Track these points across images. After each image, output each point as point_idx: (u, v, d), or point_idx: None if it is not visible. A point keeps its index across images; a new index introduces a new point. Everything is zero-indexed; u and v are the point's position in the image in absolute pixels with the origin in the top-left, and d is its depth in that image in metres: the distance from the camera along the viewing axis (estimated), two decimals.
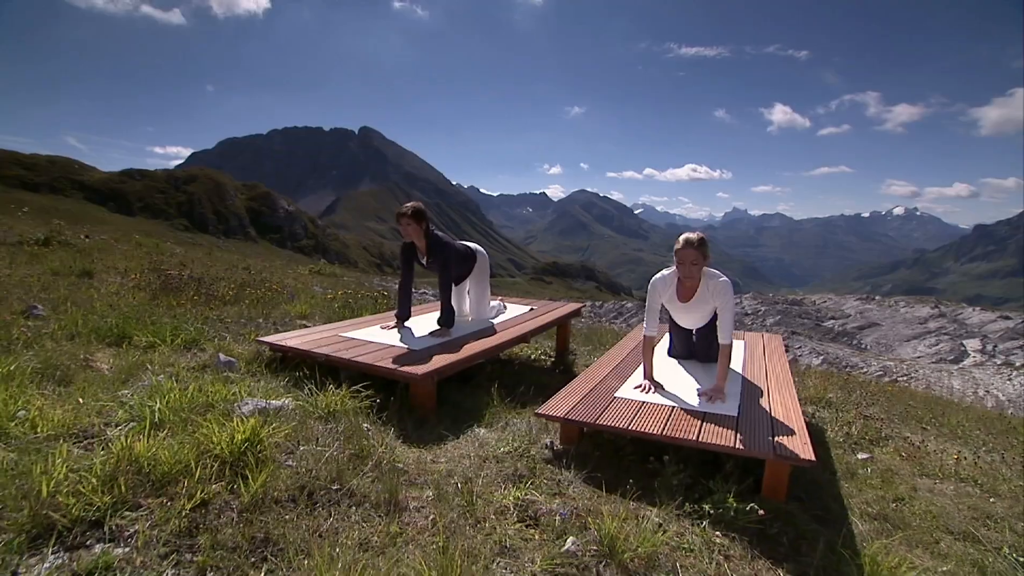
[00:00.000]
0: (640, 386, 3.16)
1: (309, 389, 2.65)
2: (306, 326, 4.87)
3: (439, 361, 3.02)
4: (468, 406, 3.20)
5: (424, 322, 4.08)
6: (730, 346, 3.16)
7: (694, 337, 3.86)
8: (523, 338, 4.07)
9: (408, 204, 3.75)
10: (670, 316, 3.72)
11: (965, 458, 3.81)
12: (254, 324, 4.55)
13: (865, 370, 15.06)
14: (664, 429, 2.57)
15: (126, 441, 1.63)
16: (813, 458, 2.34)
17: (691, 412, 2.82)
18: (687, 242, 3.11)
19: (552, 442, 2.87)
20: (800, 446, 2.47)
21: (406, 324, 3.96)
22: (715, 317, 3.68)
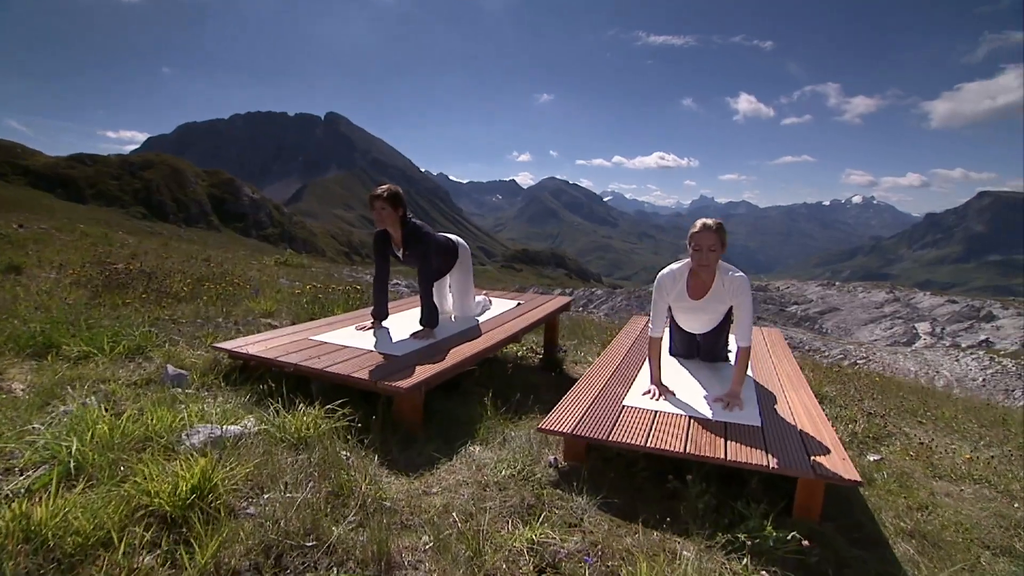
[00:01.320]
0: (648, 392, 2.87)
1: (275, 408, 2.24)
2: (272, 326, 4.40)
3: (425, 370, 2.64)
4: (458, 418, 2.84)
5: (404, 322, 3.69)
6: (749, 349, 2.89)
7: (698, 337, 3.58)
8: (514, 338, 3.72)
9: (383, 186, 3.30)
10: (672, 318, 3.40)
11: (978, 457, 3.67)
12: (212, 325, 4.06)
13: (827, 354, 15.35)
14: (687, 445, 2.27)
15: (20, 506, 1.21)
16: (858, 477, 2.08)
17: (711, 423, 2.54)
18: (704, 226, 2.78)
19: (556, 459, 2.55)
20: (839, 462, 2.21)
21: (383, 324, 3.56)
22: (724, 321, 3.40)
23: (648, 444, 2.28)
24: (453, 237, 3.91)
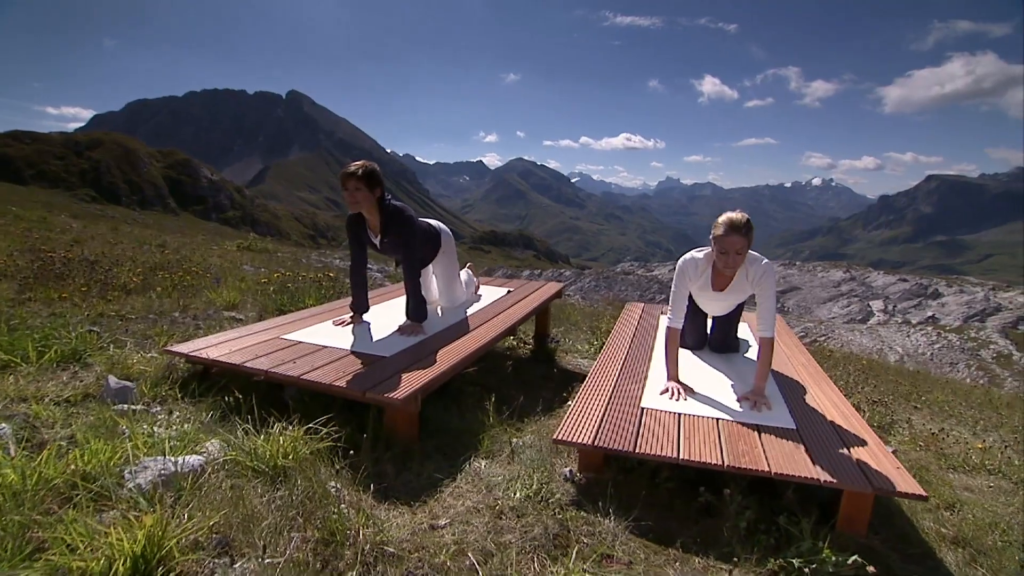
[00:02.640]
0: (667, 391, 2.60)
1: (243, 426, 1.86)
2: (236, 320, 3.95)
3: (420, 375, 2.29)
4: (455, 426, 2.51)
5: (387, 315, 3.31)
6: (772, 340, 2.64)
7: (710, 323, 3.34)
8: (510, 330, 3.40)
9: (356, 163, 2.84)
10: (690, 302, 3.15)
11: (989, 448, 3.57)
12: (167, 320, 3.59)
13: None
14: (724, 456, 2.00)
15: None
16: (921, 490, 1.86)
17: (743, 427, 2.29)
18: (732, 227, 2.48)
19: (572, 472, 2.26)
20: (893, 471, 1.99)
21: (364, 318, 3.17)
22: (741, 305, 3.18)
23: (681, 456, 2.01)
24: (434, 223, 3.53)
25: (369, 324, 3.09)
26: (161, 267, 5.41)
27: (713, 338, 3.32)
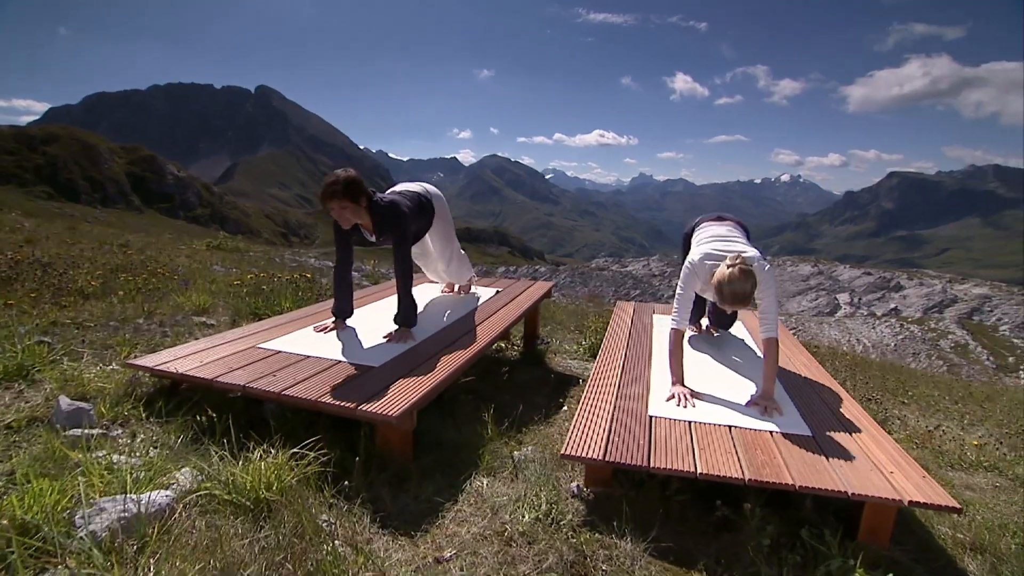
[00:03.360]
0: (673, 396, 2.47)
1: (219, 453, 1.65)
2: (207, 326, 3.68)
3: (415, 387, 2.10)
4: (451, 440, 2.33)
5: (372, 319, 3.10)
6: (776, 341, 2.54)
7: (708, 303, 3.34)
8: (504, 334, 3.23)
9: (332, 176, 2.57)
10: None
11: (983, 445, 3.56)
12: (129, 328, 3.30)
13: None
14: (746, 469, 1.88)
15: None
16: (955, 502, 1.76)
17: (758, 435, 2.17)
18: (736, 299, 2.39)
19: (579, 487, 2.11)
20: (920, 480, 1.89)
21: (348, 323, 2.96)
22: None
23: (699, 470, 1.87)
24: (422, 190, 3.30)
25: (354, 330, 2.88)
26: (124, 268, 5.06)
27: (712, 310, 3.33)
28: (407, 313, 2.84)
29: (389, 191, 3.13)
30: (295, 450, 1.65)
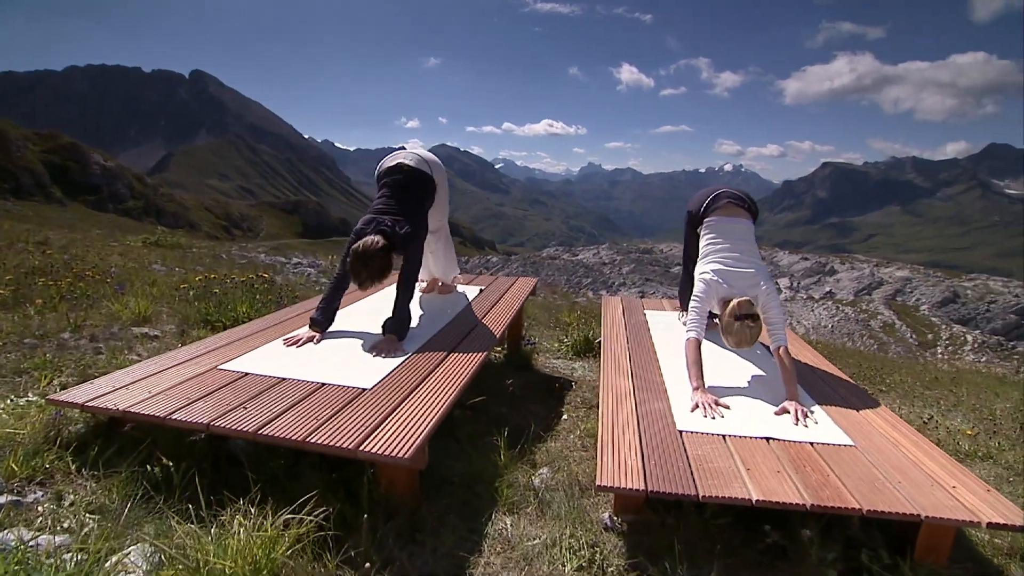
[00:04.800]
0: (697, 405, 2.26)
1: (181, 525, 1.26)
2: (150, 338, 3.18)
3: (421, 416, 1.75)
4: (462, 472, 2.01)
5: (351, 327, 2.71)
6: (788, 350, 2.43)
7: None
8: (501, 339, 2.92)
9: (364, 259, 2.38)
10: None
11: (979, 434, 3.56)
12: (51, 345, 2.78)
13: None
14: (804, 493, 1.66)
15: None
16: None
17: (800, 447, 1.98)
18: (739, 343, 2.44)
19: (611, 518, 1.85)
20: (985, 495, 1.75)
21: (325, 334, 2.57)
22: None
23: (755, 496, 1.64)
24: (418, 161, 2.97)
25: (330, 343, 2.49)
26: (42, 271, 4.39)
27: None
28: (400, 325, 2.50)
29: (391, 156, 2.98)
30: (285, 514, 1.29)
